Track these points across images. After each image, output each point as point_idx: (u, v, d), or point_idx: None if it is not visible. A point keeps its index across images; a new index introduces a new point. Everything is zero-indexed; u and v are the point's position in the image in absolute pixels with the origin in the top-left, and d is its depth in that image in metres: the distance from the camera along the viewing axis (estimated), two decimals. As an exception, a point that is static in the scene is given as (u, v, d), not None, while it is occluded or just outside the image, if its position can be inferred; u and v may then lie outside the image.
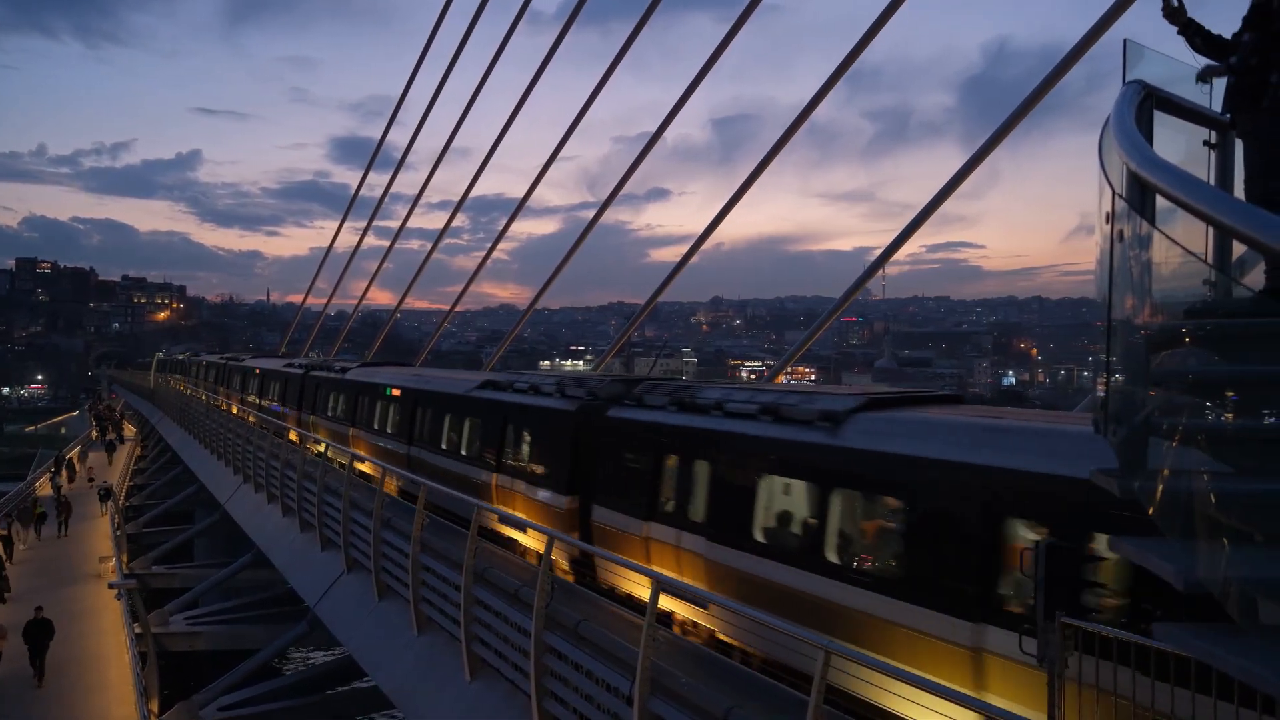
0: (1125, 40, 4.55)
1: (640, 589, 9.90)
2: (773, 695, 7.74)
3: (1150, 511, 3.30)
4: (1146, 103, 4.41)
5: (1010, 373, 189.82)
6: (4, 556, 28.40)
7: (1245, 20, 5.10)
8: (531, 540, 14.50)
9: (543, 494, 14.29)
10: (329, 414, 26.76)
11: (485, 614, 10.79)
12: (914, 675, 6.23)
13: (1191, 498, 3.09)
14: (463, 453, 17.59)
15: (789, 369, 25.01)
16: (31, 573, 28.70)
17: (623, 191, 27.26)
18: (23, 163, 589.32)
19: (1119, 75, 4.63)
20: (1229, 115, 5.07)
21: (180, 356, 75.49)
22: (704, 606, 10.53)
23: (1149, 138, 4.25)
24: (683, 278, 24.29)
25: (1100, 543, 6.69)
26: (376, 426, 22.49)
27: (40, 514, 34.39)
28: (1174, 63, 5.08)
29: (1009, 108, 16.52)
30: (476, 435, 17.13)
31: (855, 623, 8.55)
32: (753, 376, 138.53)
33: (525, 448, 15.40)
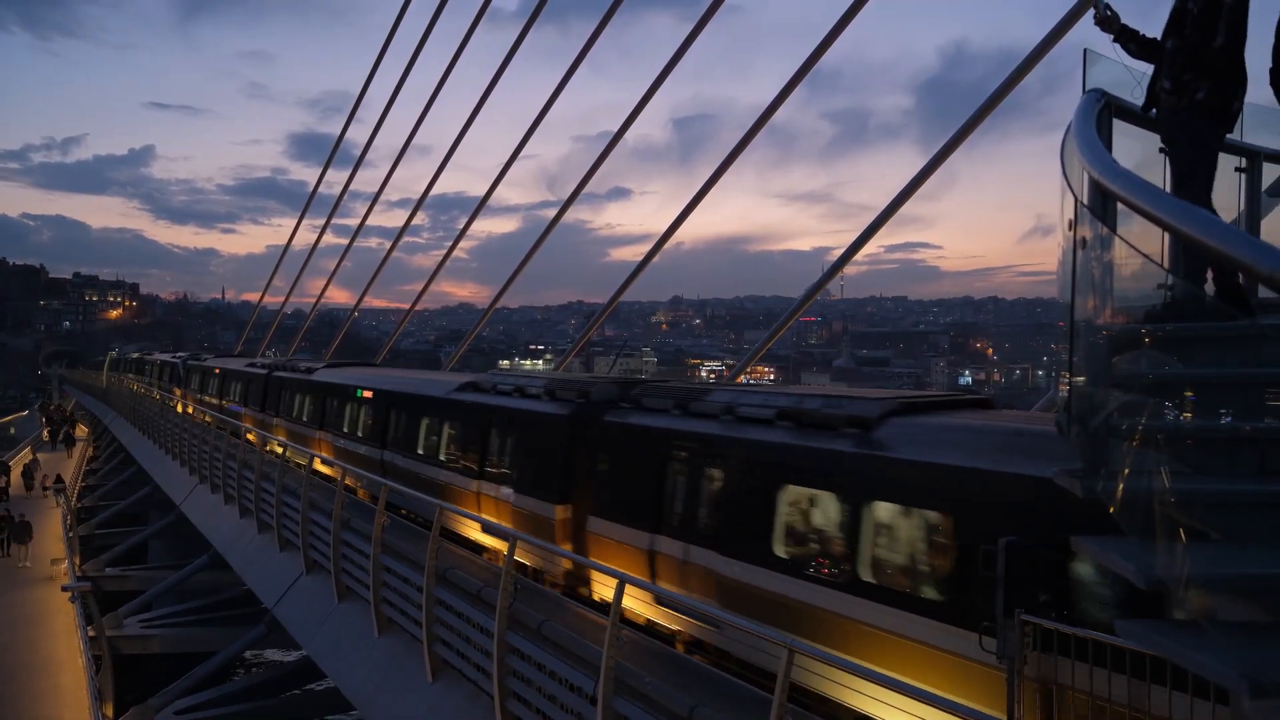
0: (1085, 50, 4.63)
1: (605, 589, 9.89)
2: (737, 694, 7.79)
3: (1111, 511, 3.37)
4: (1105, 110, 4.50)
5: (966, 372, 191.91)
6: None
7: (1165, 29, 5.21)
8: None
9: None
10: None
11: (447, 615, 10.73)
12: (880, 674, 6.28)
13: (1151, 497, 3.16)
14: None
15: (749, 368, 25.08)
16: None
17: (583, 191, 27.23)
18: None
19: (1075, 79, 4.71)
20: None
21: (162, 358, 55.54)
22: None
23: (1108, 144, 4.33)
24: (643, 277, 24.18)
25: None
26: None
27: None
28: (1131, 71, 5.18)
29: (966, 110, 16.78)
30: None
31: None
32: (712, 376, 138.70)
33: None
